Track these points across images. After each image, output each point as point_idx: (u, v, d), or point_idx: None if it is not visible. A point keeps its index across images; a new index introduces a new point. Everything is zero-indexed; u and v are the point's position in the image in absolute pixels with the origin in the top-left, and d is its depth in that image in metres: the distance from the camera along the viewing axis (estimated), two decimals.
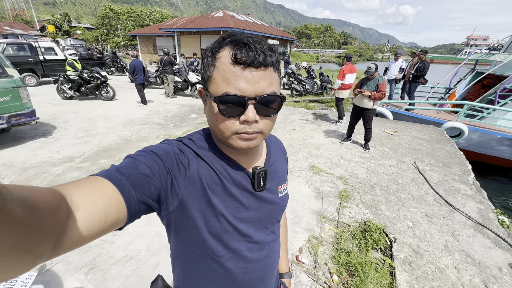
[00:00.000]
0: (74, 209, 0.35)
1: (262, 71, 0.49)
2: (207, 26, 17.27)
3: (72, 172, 3.46)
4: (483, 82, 7.46)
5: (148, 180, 0.46)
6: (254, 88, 0.49)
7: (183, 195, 0.53)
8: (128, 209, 0.43)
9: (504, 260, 2.28)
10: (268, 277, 0.69)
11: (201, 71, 0.55)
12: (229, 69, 0.48)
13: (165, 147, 0.54)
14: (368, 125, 4.41)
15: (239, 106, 0.49)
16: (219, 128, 0.53)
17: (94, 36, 43.42)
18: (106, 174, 0.43)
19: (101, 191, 0.40)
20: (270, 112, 0.53)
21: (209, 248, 0.58)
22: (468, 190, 3.46)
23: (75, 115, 6.25)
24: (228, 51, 0.49)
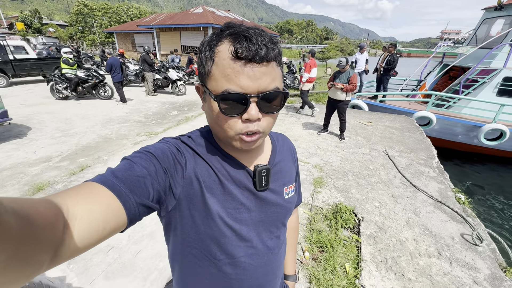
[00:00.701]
0: (71, 219, 0.35)
1: (265, 67, 0.47)
2: (186, 22, 17.02)
3: (50, 172, 3.43)
4: (449, 73, 7.96)
5: (145, 181, 0.45)
6: (256, 85, 0.47)
7: (181, 194, 0.52)
8: (128, 214, 0.42)
9: (457, 231, 2.56)
10: (268, 285, 0.66)
11: (198, 66, 0.52)
12: (229, 64, 0.46)
13: (162, 146, 0.52)
14: (343, 116, 4.65)
15: (241, 104, 0.47)
16: (222, 128, 0.51)
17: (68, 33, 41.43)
18: (101, 180, 0.42)
19: (97, 198, 0.39)
20: (273, 109, 0.51)
21: (207, 250, 0.57)
22: (432, 172, 3.77)
23: (50, 115, 6.07)
24: (228, 45, 0.46)
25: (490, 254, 2.30)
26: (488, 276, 2.06)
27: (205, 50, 0.49)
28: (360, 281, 1.96)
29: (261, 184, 0.59)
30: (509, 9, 6.71)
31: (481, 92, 6.26)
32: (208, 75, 0.48)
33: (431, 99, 6.32)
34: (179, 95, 8.90)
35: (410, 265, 2.12)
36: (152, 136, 4.85)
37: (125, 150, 4.12)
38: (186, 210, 0.53)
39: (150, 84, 8.51)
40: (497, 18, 7.17)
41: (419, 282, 1.96)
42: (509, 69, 6.06)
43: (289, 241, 0.83)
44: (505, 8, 6.77)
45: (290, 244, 0.84)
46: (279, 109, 0.52)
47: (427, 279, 2.00)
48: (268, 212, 0.61)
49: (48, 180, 3.19)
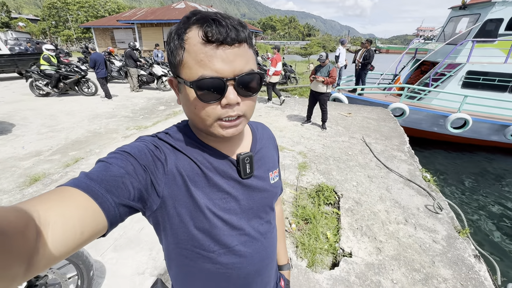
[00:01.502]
0: (44, 226, 0.33)
1: (237, 48, 0.46)
2: (169, 17, 16.81)
3: (42, 165, 3.49)
4: (421, 68, 8.57)
5: (123, 180, 0.43)
6: (231, 68, 0.46)
7: (164, 192, 0.50)
8: (107, 215, 0.40)
9: (422, 203, 2.95)
10: (265, 269, 0.66)
11: (169, 57, 0.50)
12: (200, 49, 0.45)
13: (138, 145, 0.51)
14: (324, 107, 4.98)
15: (218, 89, 0.46)
16: (200, 116, 0.49)
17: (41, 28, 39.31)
18: (74, 183, 0.40)
19: (71, 201, 0.37)
20: (251, 91, 0.50)
21: (199, 245, 0.56)
22: (403, 156, 4.19)
23: (33, 112, 5.97)
24: (197, 30, 0.45)
25: (448, 220, 2.69)
26: (445, 236, 2.44)
27: (173, 39, 0.48)
28: (340, 244, 2.27)
29: (245, 171, 0.59)
30: (472, 8, 7.34)
31: (448, 85, 6.85)
32: (181, 64, 0.48)
33: (404, 92, 6.84)
34: (165, 90, 8.92)
35: (381, 230, 2.46)
36: (142, 129, 4.95)
37: (117, 143, 4.22)
38: (172, 209, 0.52)
39: (135, 80, 8.47)
40: (462, 16, 7.81)
41: (388, 243, 2.30)
42: (472, 63, 6.68)
43: (277, 229, 0.81)
44: (468, 7, 7.40)
45: (279, 234, 0.83)
46: (257, 91, 0.51)
47: (395, 240, 2.34)
48: (256, 198, 0.62)
49: (43, 172, 3.27)
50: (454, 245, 2.33)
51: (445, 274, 1.99)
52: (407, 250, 2.24)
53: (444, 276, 1.98)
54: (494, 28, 6.70)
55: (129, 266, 1.90)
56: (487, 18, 6.70)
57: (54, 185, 2.95)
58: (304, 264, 2.08)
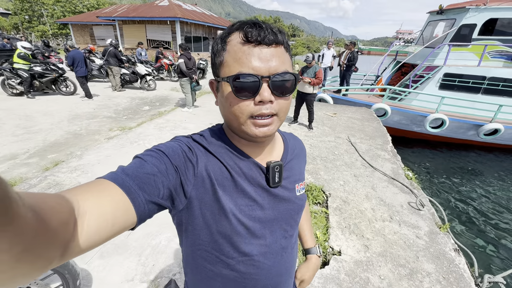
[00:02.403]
0: (82, 215, 0.35)
1: (274, 48, 0.49)
2: (152, 15, 16.38)
3: (19, 168, 3.29)
4: (402, 69, 8.92)
5: (155, 179, 0.45)
6: (267, 66, 0.48)
7: (192, 193, 0.52)
8: (137, 211, 0.42)
9: (405, 200, 3.07)
10: (282, 285, 0.66)
11: (212, 61, 0.54)
12: (240, 49, 0.48)
13: (173, 144, 0.53)
14: (311, 108, 5.06)
15: (253, 86, 0.48)
16: (234, 113, 0.51)
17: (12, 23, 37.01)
18: (112, 177, 0.43)
19: (107, 194, 0.40)
20: (285, 91, 0.51)
21: (219, 249, 0.56)
22: (387, 155, 4.34)
23: (6, 112, 5.62)
24: (238, 33, 0.49)
25: (429, 216, 2.82)
26: (427, 232, 2.56)
27: (217, 44, 0.52)
28: (329, 243, 2.32)
29: (274, 180, 0.59)
30: (449, 13, 7.73)
31: (426, 86, 7.18)
32: (221, 64, 0.51)
33: (386, 93, 7.09)
34: (149, 90, 8.70)
35: (368, 228, 2.54)
36: (126, 130, 4.80)
37: (99, 145, 4.06)
38: (197, 210, 0.53)
39: (118, 79, 8.19)
40: (439, 21, 8.20)
41: (375, 240, 2.38)
42: (448, 66, 7.04)
43: (303, 216, 0.84)
44: (445, 12, 7.79)
45: (305, 219, 0.86)
46: (291, 91, 0.52)
47: (381, 237, 2.43)
48: (281, 209, 0.61)
49: (20, 176, 3.08)
50: (435, 240, 2.44)
51: (428, 268, 2.09)
52: (392, 246, 2.32)
53: (427, 270, 2.07)
54: (468, 33, 7.09)
55: (117, 273, 1.83)
56: (462, 23, 7.09)
57: (32, 190, 2.79)
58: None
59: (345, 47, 7.87)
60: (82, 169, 3.29)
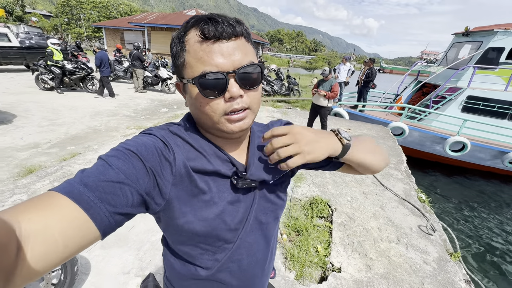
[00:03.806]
0: (24, 239, 0.31)
1: (234, 41, 0.47)
2: (179, 23, 17.18)
3: (39, 157, 3.50)
4: (423, 89, 8.69)
5: (121, 187, 0.41)
6: (230, 61, 0.46)
7: (171, 193, 0.48)
8: (99, 226, 0.38)
9: (415, 223, 2.93)
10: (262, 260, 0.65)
11: (173, 62, 0.52)
12: (199, 47, 0.46)
13: (146, 141, 0.47)
14: (324, 121, 5.03)
15: (220, 83, 0.46)
16: (206, 113, 0.49)
17: (53, 24, 40.06)
18: (66, 189, 0.38)
19: (56, 211, 0.35)
20: (253, 83, 0.50)
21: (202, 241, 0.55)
22: (400, 175, 4.19)
23: (36, 104, 6.02)
24: (195, 31, 0.47)
25: (440, 242, 2.67)
26: (436, 258, 2.41)
27: (175, 44, 0.50)
28: (329, 258, 2.25)
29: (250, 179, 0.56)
30: (475, 36, 7.52)
31: (448, 108, 6.93)
32: (183, 66, 0.49)
33: (405, 112, 6.91)
34: (169, 93, 9.02)
35: (372, 247, 2.44)
36: (142, 129, 4.97)
37: (115, 141, 4.23)
38: (178, 209, 0.50)
39: (140, 81, 8.57)
40: (465, 43, 7.99)
41: (379, 261, 2.28)
42: (472, 88, 6.78)
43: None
44: (471, 35, 7.58)
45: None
46: (259, 82, 0.51)
47: (386, 259, 2.32)
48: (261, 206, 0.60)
49: (39, 164, 3.27)
50: (445, 268, 2.30)
51: None
52: (397, 269, 2.21)
53: None
54: (495, 56, 6.84)
55: (115, 265, 1.87)
56: (489, 46, 6.85)
57: (48, 178, 2.94)
58: (292, 276, 2.05)
59: (364, 63, 7.82)
60: None
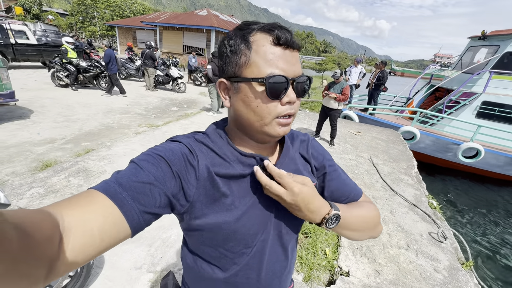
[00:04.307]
0: (66, 231, 0.34)
1: (297, 52, 0.52)
2: (190, 23, 17.35)
3: (55, 152, 3.60)
4: (435, 94, 8.52)
5: (151, 188, 0.44)
6: (293, 69, 0.50)
7: (194, 196, 0.51)
8: (130, 224, 0.41)
9: (426, 230, 2.89)
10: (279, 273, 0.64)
11: (228, 58, 0.52)
12: (270, 50, 0.49)
13: (173, 147, 0.51)
14: (334, 124, 4.99)
15: (283, 87, 0.49)
16: (260, 114, 0.51)
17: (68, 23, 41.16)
18: (104, 187, 0.42)
19: (94, 207, 0.38)
20: (303, 93, 0.54)
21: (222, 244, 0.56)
22: (410, 180, 4.13)
23: (52, 100, 6.20)
24: (264, 35, 0.50)
25: (451, 250, 2.63)
26: (447, 266, 2.38)
27: (235, 44, 0.51)
28: (338, 262, 2.24)
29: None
30: (491, 39, 7.32)
31: (461, 113, 6.78)
32: (245, 64, 0.50)
33: (416, 116, 6.79)
34: (179, 92, 9.13)
35: (381, 253, 2.42)
36: (153, 128, 5.06)
37: (127, 139, 4.32)
38: (200, 211, 0.52)
39: (152, 80, 8.71)
40: (481, 47, 7.79)
41: (387, 267, 2.26)
42: (488, 94, 6.61)
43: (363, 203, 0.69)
44: (488, 38, 7.39)
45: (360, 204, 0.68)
46: (306, 93, 0.56)
47: (395, 265, 2.30)
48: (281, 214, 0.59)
49: (55, 159, 3.37)
50: (456, 276, 2.26)
51: None
52: (406, 276, 2.18)
53: None
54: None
55: (127, 260, 1.92)
56: (507, 50, 6.66)
57: (64, 172, 3.04)
58: (300, 278, 2.06)
59: (375, 66, 7.73)
60: (110, 159, 3.52)
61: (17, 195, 2.54)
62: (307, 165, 0.68)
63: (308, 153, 0.69)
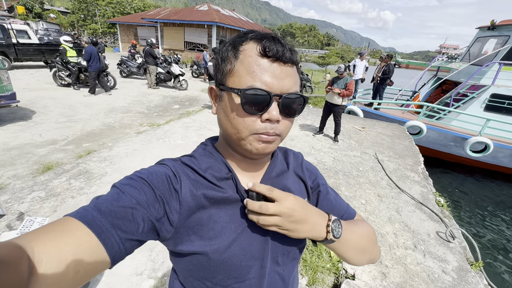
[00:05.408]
0: (37, 262, 0.31)
1: (289, 67, 0.47)
2: (191, 18, 17.16)
3: (57, 154, 3.59)
4: (442, 87, 8.31)
5: (133, 212, 0.41)
6: (280, 84, 0.46)
7: (178, 222, 0.48)
8: (109, 252, 0.38)
9: (433, 229, 2.82)
10: None
11: (217, 66, 0.51)
12: (255, 61, 0.45)
13: (157, 170, 0.49)
14: (338, 120, 4.90)
15: (263, 102, 0.45)
16: (237, 127, 0.48)
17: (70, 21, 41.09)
18: (80, 214, 0.39)
19: (69, 236, 0.35)
20: (293, 113, 0.49)
21: (211, 277, 0.52)
22: (417, 177, 4.04)
23: (54, 101, 6.20)
24: (255, 44, 0.47)
25: (460, 250, 2.55)
26: (456, 267, 2.31)
27: (227, 50, 0.49)
28: (343, 264, 2.19)
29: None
30: (501, 29, 7.08)
31: (469, 107, 6.60)
32: (230, 73, 0.48)
33: (423, 110, 6.64)
34: (181, 89, 9.07)
35: (388, 254, 2.36)
36: (155, 127, 5.02)
37: (129, 139, 4.29)
38: (186, 238, 0.49)
39: (153, 77, 8.66)
40: (490, 37, 7.54)
41: (394, 269, 2.20)
42: (497, 86, 6.41)
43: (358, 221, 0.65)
44: (497, 28, 7.14)
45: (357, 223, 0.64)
46: (298, 113, 0.50)
47: (402, 266, 2.24)
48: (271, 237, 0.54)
49: (56, 161, 3.36)
50: (465, 278, 2.20)
51: None
52: (414, 278, 2.13)
53: None
54: None
55: (128, 266, 1.89)
56: None
57: (65, 175, 3.02)
58: (304, 282, 2.01)
59: (380, 59, 7.54)
60: (111, 160, 3.49)
61: (18, 199, 2.53)
62: (301, 184, 0.64)
63: (303, 172, 0.66)
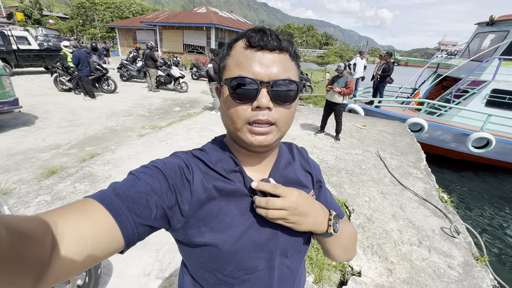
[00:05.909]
0: (59, 238, 0.33)
1: (277, 55, 0.47)
2: (190, 21, 17.23)
3: (60, 158, 3.61)
4: (442, 83, 8.32)
5: (148, 198, 0.43)
6: (267, 72, 0.46)
7: (189, 212, 0.49)
8: (124, 235, 0.39)
9: (438, 225, 2.82)
10: None
11: (220, 64, 0.53)
12: (242, 53, 0.47)
13: (171, 160, 0.51)
14: (339, 118, 4.91)
15: (252, 90, 0.46)
16: (231, 117, 0.49)
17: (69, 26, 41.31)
18: (100, 197, 0.41)
19: (89, 216, 0.37)
20: (286, 99, 0.48)
21: (221, 268, 0.52)
22: (419, 174, 4.04)
23: (56, 106, 6.23)
24: (243, 39, 0.48)
25: (465, 245, 2.56)
26: (461, 262, 2.31)
27: (223, 50, 0.52)
28: (348, 262, 2.20)
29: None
30: (500, 25, 7.08)
31: (470, 102, 6.60)
32: (224, 69, 0.51)
33: (423, 107, 6.64)
34: (181, 92, 9.10)
35: (393, 250, 2.37)
36: (157, 129, 5.04)
37: (131, 142, 4.32)
38: (196, 229, 0.50)
39: (153, 80, 8.69)
40: (489, 33, 7.55)
41: (400, 265, 2.20)
42: (497, 81, 6.42)
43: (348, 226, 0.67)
44: (496, 24, 7.15)
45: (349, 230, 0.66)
46: (292, 100, 0.49)
47: (408, 262, 2.24)
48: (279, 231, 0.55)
49: (60, 165, 3.38)
50: (471, 273, 2.20)
51: None
52: (420, 274, 2.13)
53: None
54: None
55: (135, 266, 1.91)
56: None
57: (69, 179, 3.04)
58: (310, 279, 2.02)
59: (379, 57, 7.56)
60: (114, 163, 3.51)
61: (24, 203, 2.54)
62: (308, 177, 0.67)
63: (310, 166, 0.68)
